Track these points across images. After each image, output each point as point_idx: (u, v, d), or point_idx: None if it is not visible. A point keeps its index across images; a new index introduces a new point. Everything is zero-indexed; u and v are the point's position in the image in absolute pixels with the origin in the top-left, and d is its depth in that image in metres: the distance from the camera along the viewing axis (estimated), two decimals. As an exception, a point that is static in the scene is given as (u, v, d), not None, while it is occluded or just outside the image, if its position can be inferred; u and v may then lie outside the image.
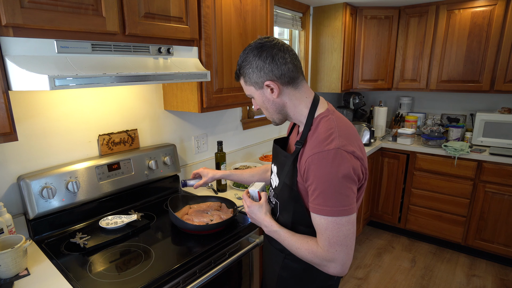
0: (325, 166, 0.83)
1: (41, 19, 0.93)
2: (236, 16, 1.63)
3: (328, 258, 0.86)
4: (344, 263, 0.86)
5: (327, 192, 0.83)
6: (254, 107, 1.05)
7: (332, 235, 0.84)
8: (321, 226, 0.86)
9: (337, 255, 0.85)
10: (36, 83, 0.88)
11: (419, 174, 2.91)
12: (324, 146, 0.85)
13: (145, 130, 1.70)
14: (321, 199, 0.84)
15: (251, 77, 0.95)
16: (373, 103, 3.67)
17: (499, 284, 2.46)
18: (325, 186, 0.83)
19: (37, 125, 1.29)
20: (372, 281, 2.51)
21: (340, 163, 0.83)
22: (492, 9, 2.55)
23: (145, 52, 1.23)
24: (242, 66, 0.96)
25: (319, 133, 0.90)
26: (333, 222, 0.84)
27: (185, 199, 1.55)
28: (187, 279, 1.15)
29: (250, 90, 0.99)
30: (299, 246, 0.92)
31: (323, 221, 0.85)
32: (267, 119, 2.63)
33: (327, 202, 0.83)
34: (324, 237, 0.85)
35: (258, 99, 0.99)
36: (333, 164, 0.83)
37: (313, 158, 0.85)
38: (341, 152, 0.84)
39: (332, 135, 0.87)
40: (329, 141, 0.86)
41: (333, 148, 0.84)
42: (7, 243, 1.07)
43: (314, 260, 0.89)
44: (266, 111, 1.01)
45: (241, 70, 0.97)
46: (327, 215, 0.84)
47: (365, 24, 2.99)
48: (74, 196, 1.33)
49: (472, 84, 2.75)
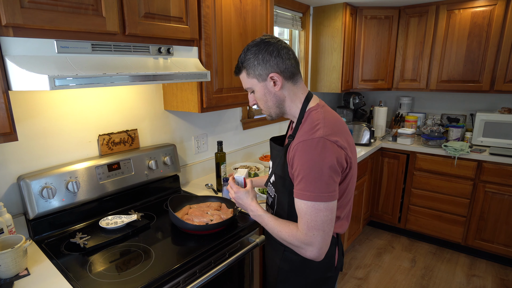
0: (308, 153, 0.89)
1: (41, 19, 0.93)
2: (236, 16, 1.63)
3: (306, 242, 0.91)
4: (321, 247, 0.91)
5: (308, 178, 0.88)
6: (251, 102, 1.07)
7: (311, 220, 0.89)
8: (301, 210, 0.91)
9: (315, 239, 0.90)
10: (36, 83, 0.88)
11: (419, 174, 2.91)
12: (309, 135, 0.91)
13: (145, 130, 1.71)
14: (303, 184, 0.89)
15: (255, 69, 0.98)
16: (373, 103, 3.67)
17: (499, 284, 2.46)
18: (307, 172, 0.88)
19: (37, 125, 1.29)
20: (372, 281, 2.51)
21: (324, 151, 0.88)
22: (492, 9, 2.55)
23: (145, 52, 1.23)
24: (246, 59, 0.98)
25: (307, 124, 0.96)
26: (312, 207, 0.89)
27: (185, 199, 1.55)
28: (187, 279, 1.15)
29: (252, 83, 1.01)
30: (280, 229, 0.98)
31: (303, 206, 0.90)
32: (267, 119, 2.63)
33: (308, 187, 0.88)
34: (304, 221, 0.91)
35: (259, 91, 1.01)
36: (316, 152, 0.88)
37: (298, 145, 0.91)
38: (325, 141, 0.89)
39: (318, 125, 0.93)
40: (314, 131, 0.92)
41: (318, 137, 0.90)
42: (7, 243, 1.07)
43: (293, 243, 0.94)
44: (265, 104, 1.03)
45: (244, 63, 0.99)
46: (307, 200, 0.89)
47: (365, 24, 2.99)
48: (74, 196, 1.33)
49: (472, 84, 2.75)
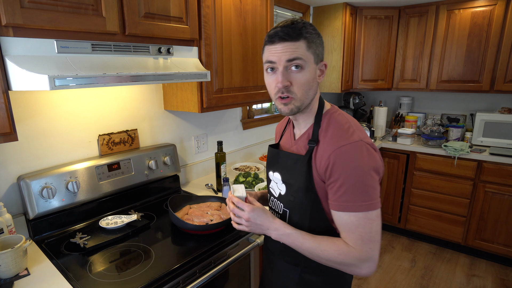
0: (352, 159, 0.78)
1: (41, 19, 0.93)
2: (236, 16, 1.63)
3: (363, 258, 0.78)
4: (376, 260, 0.80)
5: (356, 186, 0.77)
6: (282, 81, 0.82)
7: (365, 232, 0.78)
8: (351, 224, 0.79)
9: (372, 253, 0.78)
10: (36, 83, 0.88)
11: (419, 174, 2.91)
12: (347, 139, 0.80)
13: (145, 130, 1.70)
14: (350, 194, 0.78)
15: (317, 47, 0.83)
16: (373, 103, 3.67)
17: (499, 284, 2.46)
18: (354, 181, 0.77)
19: (37, 125, 1.29)
20: (372, 281, 2.51)
21: (366, 155, 0.79)
22: (492, 9, 2.55)
23: (145, 52, 1.23)
24: (309, 31, 0.81)
25: (336, 127, 0.85)
26: (365, 218, 0.78)
27: (185, 199, 1.55)
28: (187, 279, 1.15)
29: (308, 58, 0.82)
30: (325, 247, 0.82)
31: (353, 218, 0.78)
32: (267, 119, 2.63)
33: (356, 197, 0.77)
34: (356, 235, 0.78)
35: (310, 73, 0.83)
36: (361, 157, 0.78)
37: (337, 152, 0.79)
38: (365, 144, 0.80)
39: (350, 128, 0.84)
40: (350, 134, 0.82)
41: (357, 140, 0.80)
42: (7, 243, 1.07)
43: (344, 261, 0.80)
44: (306, 91, 0.84)
45: (306, 33, 0.80)
46: (357, 211, 0.78)
47: (365, 24, 2.99)
48: (74, 196, 1.33)
49: (472, 84, 2.75)
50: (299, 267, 0.95)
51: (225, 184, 1.62)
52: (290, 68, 0.82)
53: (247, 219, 0.90)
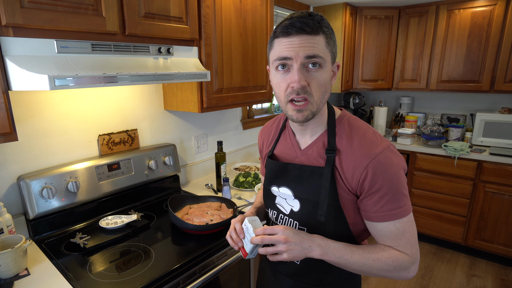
0: (391, 166, 0.75)
1: (41, 19, 0.93)
2: (236, 16, 1.63)
3: (413, 261, 0.77)
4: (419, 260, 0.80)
5: (398, 193, 0.75)
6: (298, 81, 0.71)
7: (411, 235, 0.77)
8: (397, 231, 0.76)
9: (417, 253, 0.78)
10: (36, 83, 0.88)
11: (419, 174, 2.91)
12: (377, 146, 0.76)
13: (145, 130, 1.70)
14: (393, 202, 0.75)
15: (334, 45, 0.77)
16: (373, 103, 3.67)
17: (499, 284, 2.46)
18: (396, 187, 0.74)
19: (37, 125, 1.29)
20: (372, 281, 2.51)
21: (399, 158, 0.77)
22: (492, 9, 2.55)
23: (145, 52, 1.23)
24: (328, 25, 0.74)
25: (361, 134, 0.79)
26: (408, 222, 0.76)
27: (185, 199, 1.55)
28: (187, 279, 1.15)
29: (326, 55, 0.74)
30: (377, 256, 0.76)
31: (399, 225, 0.76)
32: (267, 119, 2.63)
33: (399, 203, 0.75)
34: (404, 240, 0.77)
35: (327, 74, 0.75)
36: (397, 162, 0.76)
37: (376, 162, 0.74)
38: (393, 147, 0.78)
39: (375, 133, 0.80)
40: (378, 140, 0.78)
41: (387, 146, 0.77)
42: (7, 243, 1.07)
43: (398, 267, 0.77)
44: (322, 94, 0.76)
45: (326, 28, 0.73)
46: (402, 217, 0.75)
47: (365, 24, 2.99)
48: (74, 196, 1.33)
49: (472, 84, 2.75)
50: (320, 286, 0.89)
51: (225, 184, 1.62)
52: (307, 66, 0.72)
53: (286, 240, 0.74)
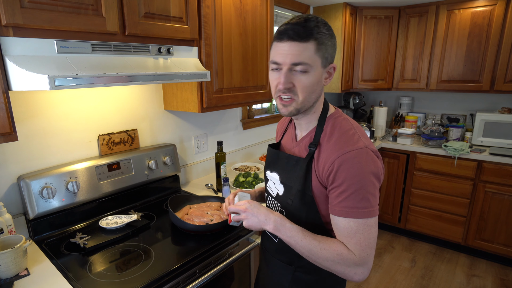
0: (357, 165, 0.78)
1: (41, 19, 0.93)
2: (236, 16, 1.63)
3: (359, 263, 0.79)
4: (370, 267, 0.81)
5: (359, 193, 0.78)
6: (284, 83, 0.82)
7: (364, 238, 0.79)
8: (350, 229, 0.79)
9: (368, 259, 0.80)
10: (36, 83, 0.88)
11: (419, 174, 2.91)
12: (352, 145, 0.80)
13: (145, 130, 1.70)
14: (351, 200, 0.78)
15: (327, 50, 0.81)
16: (373, 103, 3.67)
17: (499, 284, 2.46)
18: (357, 187, 0.78)
19: (37, 125, 1.29)
20: (372, 281, 2.51)
21: (371, 162, 0.79)
22: (492, 9, 2.55)
23: (145, 52, 1.23)
24: (321, 31, 0.79)
25: (341, 133, 0.84)
26: (364, 224, 0.78)
27: (185, 199, 1.55)
28: (187, 279, 1.15)
29: (314, 62, 0.80)
30: (325, 246, 0.81)
31: (353, 224, 0.79)
32: (267, 119, 2.63)
33: (358, 203, 0.78)
34: (355, 240, 0.79)
35: (315, 76, 0.82)
36: (365, 164, 0.78)
37: (342, 158, 0.79)
38: (369, 151, 0.80)
39: (355, 134, 0.84)
40: (355, 140, 0.82)
41: (363, 147, 0.80)
42: (7, 243, 1.07)
43: (342, 263, 0.80)
44: (309, 94, 0.83)
45: (317, 34, 0.78)
46: (358, 217, 0.78)
47: (365, 24, 2.99)
48: (74, 196, 1.33)
49: (472, 84, 2.75)
50: (292, 266, 0.96)
51: (225, 184, 1.62)
52: (295, 69, 0.81)
53: (245, 210, 0.90)
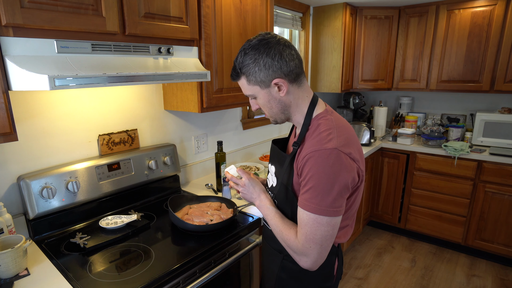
0: (322, 165, 0.83)
1: (41, 19, 0.93)
2: (236, 16, 1.63)
3: (302, 252, 0.88)
4: (315, 260, 0.88)
5: (316, 189, 0.83)
6: (253, 107, 0.99)
7: (310, 232, 0.85)
8: (302, 220, 0.87)
9: (310, 251, 0.86)
10: (36, 83, 0.88)
11: (419, 174, 2.91)
12: (322, 145, 0.85)
13: (145, 130, 1.71)
14: (309, 194, 0.84)
15: (257, 76, 0.89)
16: (373, 103, 3.67)
17: (499, 284, 2.46)
18: (316, 183, 0.83)
19: (37, 125, 1.29)
20: (372, 281, 2.51)
21: (337, 165, 0.82)
22: (492, 9, 2.55)
23: (145, 52, 1.23)
24: (245, 64, 0.89)
25: (318, 133, 0.89)
26: (314, 220, 0.84)
27: (185, 199, 1.55)
28: (187, 279, 1.15)
29: (254, 90, 0.93)
30: (282, 229, 0.94)
31: (305, 216, 0.86)
32: (267, 119, 2.64)
33: (314, 199, 0.83)
34: (303, 231, 0.87)
35: (262, 98, 0.94)
36: (329, 164, 0.82)
37: (310, 155, 0.85)
38: (338, 153, 0.83)
39: (331, 135, 0.87)
40: (327, 140, 0.85)
41: (331, 148, 0.83)
42: (7, 243, 1.07)
43: (289, 248, 0.92)
44: (269, 110, 0.96)
45: (243, 69, 0.91)
46: (310, 211, 0.84)
47: (365, 24, 2.99)
48: (74, 196, 1.33)
49: (472, 84, 2.75)
50: (281, 254, 1.04)
51: (225, 184, 1.62)
52: None
53: (243, 184, 1.08)
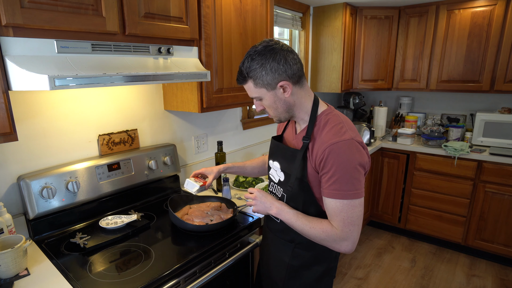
0: (343, 154, 0.92)
1: (41, 19, 0.93)
2: (236, 16, 1.63)
3: (343, 237, 0.94)
4: (354, 241, 0.95)
5: (344, 178, 0.91)
6: (258, 108, 1.06)
7: (347, 216, 0.93)
8: (336, 208, 0.94)
9: (351, 234, 0.94)
10: (36, 83, 0.88)
11: (419, 174, 2.91)
12: (339, 137, 0.94)
13: (145, 130, 1.70)
14: (337, 184, 0.92)
15: (263, 79, 0.97)
16: (373, 103, 3.67)
17: (499, 284, 2.46)
18: (342, 173, 0.91)
19: (37, 125, 1.29)
20: (372, 281, 2.51)
21: (355, 152, 0.93)
22: (492, 9, 2.55)
23: (145, 52, 1.23)
24: (252, 69, 0.97)
25: (331, 127, 0.98)
26: (348, 205, 0.92)
27: (185, 199, 1.55)
28: (187, 279, 1.15)
29: (260, 92, 1.00)
30: (313, 225, 0.98)
31: (338, 204, 0.93)
32: (267, 119, 2.64)
33: (343, 186, 0.92)
34: (339, 218, 0.94)
35: (268, 99, 1.01)
36: (350, 153, 0.92)
37: (331, 148, 0.93)
38: (354, 143, 0.93)
39: (344, 128, 0.97)
40: (342, 132, 0.95)
41: (348, 139, 0.93)
42: (7, 243, 1.07)
43: (327, 239, 0.96)
44: (275, 110, 1.04)
45: (250, 73, 0.98)
46: (343, 198, 0.92)
47: (365, 24, 2.99)
48: (74, 196, 1.33)
49: (472, 84, 2.75)
50: (293, 243, 1.11)
51: (225, 184, 1.62)
52: None
53: (254, 197, 1.12)
